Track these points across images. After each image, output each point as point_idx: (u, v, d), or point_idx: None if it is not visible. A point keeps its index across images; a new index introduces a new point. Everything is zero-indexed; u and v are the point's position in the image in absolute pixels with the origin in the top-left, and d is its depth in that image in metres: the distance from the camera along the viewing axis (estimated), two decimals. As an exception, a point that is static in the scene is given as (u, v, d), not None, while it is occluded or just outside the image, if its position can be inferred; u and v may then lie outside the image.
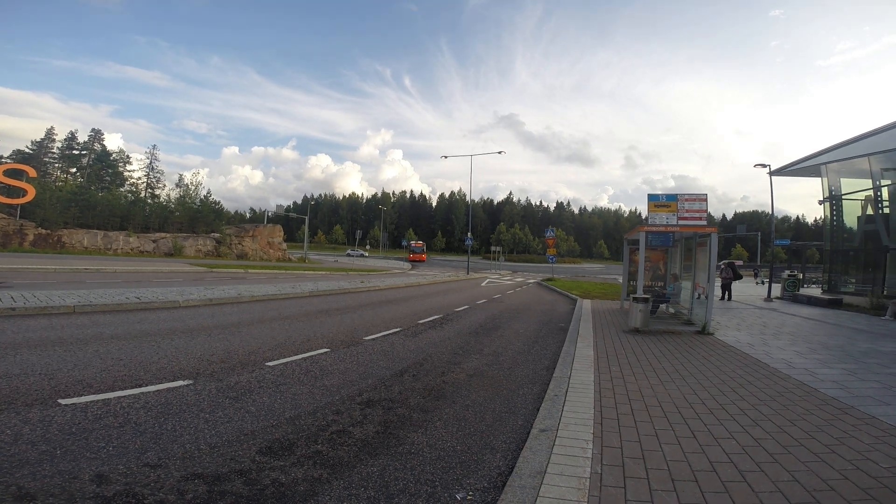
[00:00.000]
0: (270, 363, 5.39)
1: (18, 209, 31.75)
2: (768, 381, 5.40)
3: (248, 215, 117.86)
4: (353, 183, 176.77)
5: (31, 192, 32.26)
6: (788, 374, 5.74)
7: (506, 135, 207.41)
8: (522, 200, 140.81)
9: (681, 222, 9.93)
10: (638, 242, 10.89)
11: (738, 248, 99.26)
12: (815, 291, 19.22)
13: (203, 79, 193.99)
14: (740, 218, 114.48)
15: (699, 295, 9.87)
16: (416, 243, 65.10)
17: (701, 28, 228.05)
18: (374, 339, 7.31)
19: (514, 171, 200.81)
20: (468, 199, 47.59)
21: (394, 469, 2.98)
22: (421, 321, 9.53)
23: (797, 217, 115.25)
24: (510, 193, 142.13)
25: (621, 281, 16.01)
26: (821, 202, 19.13)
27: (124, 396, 3.91)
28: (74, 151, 67.23)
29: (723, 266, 17.94)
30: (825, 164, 18.21)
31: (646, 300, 9.03)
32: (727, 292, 17.35)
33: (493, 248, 53.13)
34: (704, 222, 9.97)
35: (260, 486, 2.63)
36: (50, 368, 4.55)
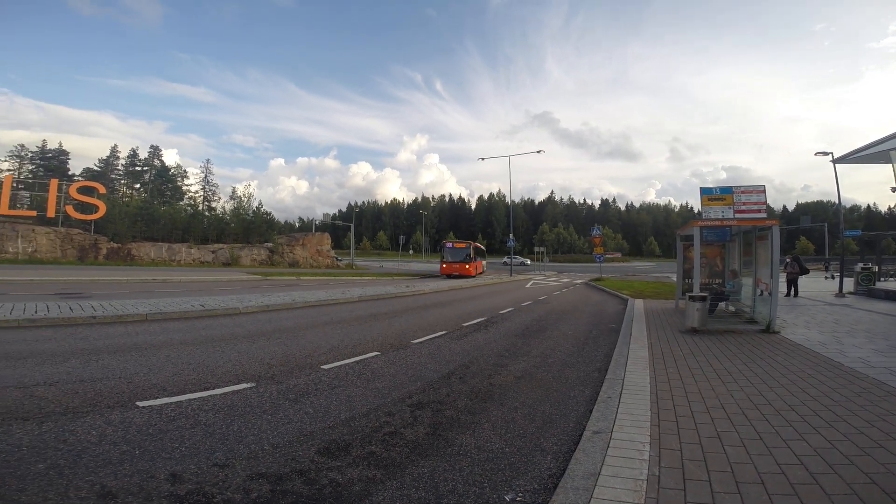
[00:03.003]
0: (325, 366, 5.60)
1: (92, 224, 34.72)
2: (843, 380, 5.01)
3: (296, 224, 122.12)
4: (392, 189, 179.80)
5: (102, 208, 35.21)
6: (866, 373, 5.30)
7: (541, 133, 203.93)
8: (565, 199, 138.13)
9: (737, 216, 9.45)
10: (692, 238, 10.42)
11: (803, 241, 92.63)
12: (893, 285, 17.58)
13: (246, 93, 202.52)
14: (803, 209, 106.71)
15: (762, 291, 9.33)
16: (457, 244, 35.15)
17: (738, 14, 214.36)
18: (420, 343, 7.41)
19: (553, 169, 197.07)
20: (508, 200, 47.12)
21: (443, 470, 3.01)
22: (465, 324, 9.56)
23: (868, 206, 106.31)
24: (552, 192, 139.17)
25: (675, 279, 15.36)
26: (894, 189, 17.51)
27: (194, 399, 4.17)
28: (137, 168, 72.39)
29: (788, 260, 16.86)
30: (894, 149, 16.65)
31: (703, 298, 8.62)
32: (793, 288, 16.26)
33: (536, 249, 52.26)
34: (764, 215, 9.43)
35: (318, 485, 2.73)
36: (128, 372, 4.95)
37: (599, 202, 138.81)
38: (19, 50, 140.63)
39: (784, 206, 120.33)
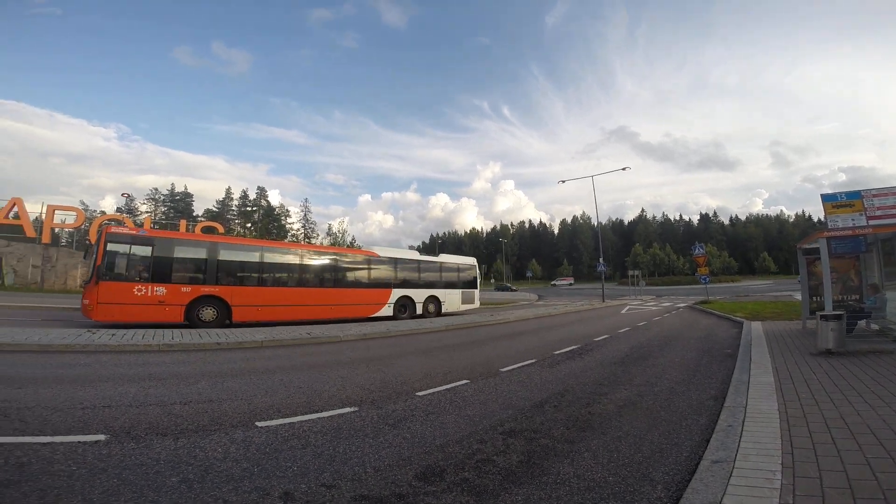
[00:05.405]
0: (420, 393, 5.72)
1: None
2: None
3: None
4: (470, 218, 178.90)
5: (222, 248, 39.65)
6: None
7: (620, 149, 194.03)
8: (657, 216, 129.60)
9: (872, 222, 8.23)
10: (817, 251, 9.23)
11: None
12: None
13: (332, 133, 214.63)
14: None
15: (914, 307, 7.93)
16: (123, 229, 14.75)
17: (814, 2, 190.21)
18: (510, 371, 7.28)
19: (640, 185, 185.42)
20: (594, 221, 45.37)
21: (538, 499, 2.90)
22: (557, 352, 9.21)
23: None
24: (642, 210, 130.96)
25: (800, 297, 13.56)
26: None
27: (305, 421, 4.47)
28: (247, 208, 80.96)
29: None
30: None
31: (838, 317, 7.53)
32: None
33: (629, 272, 49.23)
34: None
35: (415, 509, 2.77)
36: (248, 394, 5.46)
37: (698, 217, 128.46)
38: (145, 100, 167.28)
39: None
